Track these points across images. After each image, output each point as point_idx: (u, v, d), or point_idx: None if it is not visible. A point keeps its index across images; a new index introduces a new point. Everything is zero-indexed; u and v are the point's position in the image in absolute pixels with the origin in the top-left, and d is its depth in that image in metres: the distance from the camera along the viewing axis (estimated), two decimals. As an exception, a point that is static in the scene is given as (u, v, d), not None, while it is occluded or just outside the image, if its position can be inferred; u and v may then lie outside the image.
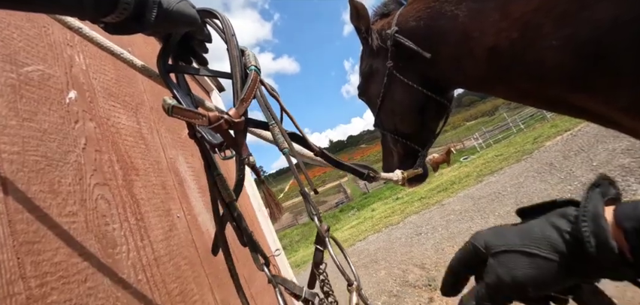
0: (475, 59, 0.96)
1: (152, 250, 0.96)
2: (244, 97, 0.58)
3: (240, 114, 0.56)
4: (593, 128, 9.35)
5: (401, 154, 1.46)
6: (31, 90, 0.78)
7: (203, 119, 0.52)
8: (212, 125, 0.53)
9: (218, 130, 0.54)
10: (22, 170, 0.68)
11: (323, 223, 0.62)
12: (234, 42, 0.65)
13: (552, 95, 0.86)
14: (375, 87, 1.40)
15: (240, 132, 0.58)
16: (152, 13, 0.53)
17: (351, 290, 0.53)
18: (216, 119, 0.52)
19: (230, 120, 0.54)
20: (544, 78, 0.82)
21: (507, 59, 0.88)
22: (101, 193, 0.85)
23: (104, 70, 1.10)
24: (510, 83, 0.94)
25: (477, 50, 0.94)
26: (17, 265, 0.60)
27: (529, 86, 0.89)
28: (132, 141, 1.09)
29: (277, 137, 0.64)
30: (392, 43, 1.20)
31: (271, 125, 0.65)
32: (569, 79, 0.77)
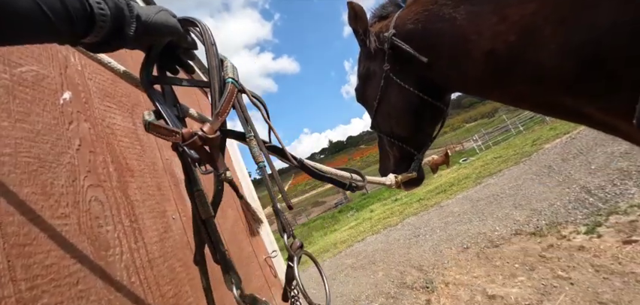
0: (473, 63, 0.96)
1: (146, 252, 0.95)
2: (219, 111, 0.58)
3: (214, 129, 0.55)
4: (591, 132, 9.37)
5: (397, 157, 1.46)
6: (25, 91, 0.77)
7: (177, 136, 0.52)
8: (186, 142, 0.52)
9: (193, 147, 0.53)
10: (14, 171, 0.67)
11: (296, 240, 0.63)
12: (213, 51, 0.65)
13: (550, 99, 0.85)
14: (372, 90, 1.40)
15: (215, 147, 0.57)
16: (131, 27, 0.53)
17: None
18: (189, 135, 0.52)
19: (204, 136, 0.53)
20: (541, 82, 0.82)
21: (505, 63, 0.87)
22: (94, 195, 0.85)
23: (100, 71, 1.09)
24: (507, 87, 0.94)
25: (475, 53, 0.94)
26: (7, 268, 0.60)
27: (527, 90, 0.89)
28: (128, 142, 1.09)
29: (254, 150, 0.64)
30: (389, 46, 1.19)
31: (249, 137, 0.65)
32: (567, 83, 0.77)
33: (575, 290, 3.32)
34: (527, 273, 3.96)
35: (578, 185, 5.88)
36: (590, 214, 4.66)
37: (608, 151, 6.84)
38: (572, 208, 5.08)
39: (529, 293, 3.58)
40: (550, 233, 4.65)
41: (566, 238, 4.34)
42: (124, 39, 0.54)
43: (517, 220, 5.56)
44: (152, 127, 0.54)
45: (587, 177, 6.04)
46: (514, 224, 5.46)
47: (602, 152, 6.96)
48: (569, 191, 5.78)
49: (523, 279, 3.89)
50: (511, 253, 4.57)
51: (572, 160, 7.54)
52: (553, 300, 3.31)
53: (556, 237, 4.47)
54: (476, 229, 6.04)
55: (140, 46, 0.63)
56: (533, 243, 4.58)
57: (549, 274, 3.76)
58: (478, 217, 6.67)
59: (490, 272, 4.32)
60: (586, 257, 3.77)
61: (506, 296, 3.66)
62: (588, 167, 6.50)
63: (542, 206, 5.67)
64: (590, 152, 7.38)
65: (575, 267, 3.69)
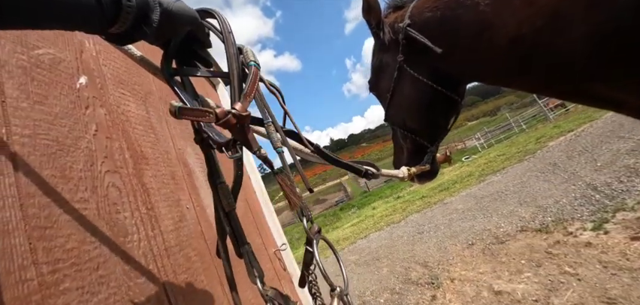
0: (495, 50, 0.94)
1: (162, 240, 0.94)
2: (247, 92, 0.57)
3: (245, 108, 0.55)
4: (596, 129, 9.32)
5: (410, 150, 1.44)
6: (42, 73, 0.76)
7: (211, 116, 0.52)
8: (220, 121, 0.52)
9: (227, 125, 0.53)
10: (34, 153, 0.66)
11: (314, 224, 0.62)
12: (231, 39, 0.64)
13: (578, 85, 0.83)
14: (385, 81, 1.38)
15: (247, 126, 0.57)
16: (156, 12, 0.52)
17: (333, 296, 0.53)
18: (224, 114, 0.52)
19: (238, 114, 0.53)
20: (570, 68, 0.80)
21: (530, 49, 0.85)
22: (111, 180, 0.84)
23: (113, 58, 1.08)
24: (531, 74, 0.92)
25: (498, 40, 0.92)
26: (29, 250, 0.59)
27: (553, 77, 0.87)
28: (142, 130, 1.07)
29: (272, 135, 0.64)
30: (404, 37, 1.17)
31: (267, 122, 0.65)
32: (598, 68, 0.74)
33: (582, 286, 3.30)
34: (534, 269, 3.94)
35: (583, 182, 5.85)
36: (596, 211, 4.63)
37: (614, 148, 6.79)
38: (578, 205, 5.05)
39: (535, 289, 3.56)
40: (556, 229, 4.62)
41: (572, 235, 4.31)
42: (149, 25, 0.53)
43: (522, 217, 5.53)
44: (183, 111, 0.53)
45: (592, 174, 6.00)
46: (520, 220, 5.43)
47: (608, 150, 6.91)
48: (575, 188, 5.75)
49: (529, 275, 3.87)
50: (517, 249, 4.55)
51: (577, 157, 7.50)
52: (561, 296, 3.29)
53: (563, 233, 4.45)
54: (481, 226, 6.02)
55: (161, 37, 0.62)
56: (539, 240, 4.56)
57: (556, 270, 3.74)
58: (483, 214, 6.65)
59: (495, 268, 4.30)
60: (593, 253, 3.75)
61: (513, 292, 3.65)
62: (594, 164, 6.46)
63: (548, 203, 5.64)
64: (596, 150, 7.33)
65: (582, 263, 3.67)
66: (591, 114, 12.41)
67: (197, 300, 0.99)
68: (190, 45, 0.69)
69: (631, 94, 0.74)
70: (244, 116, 0.54)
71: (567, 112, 18.69)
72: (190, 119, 0.55)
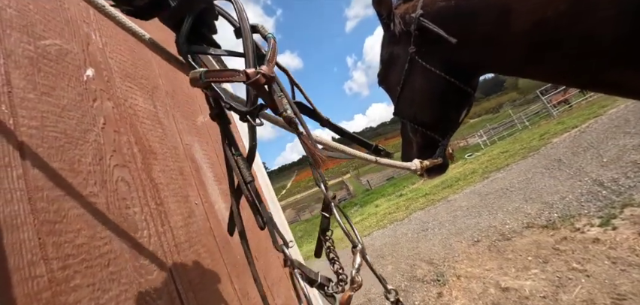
0: (514, 37, 0.91)
1: (172, 236, 0.91)
2: (269, 58, 0.58)
3: (272, 71, 0.56)
4: (601, 125, 9.23)
5: (420, 144, 1.41)
6: (49, 64, 0.74)
7: (241, 75, 0.53)
8: (251, 80, 0.53)
9: (257, 85, 0.54)
10: (42, 145, 0.64)
11: (329, 191, 0.63)
12: (245, 16, 0.64)
13: (603, 72, 0.80)
14: (395, 74, 1.35)
15: (272, 88, 0.58)
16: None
17: (356, 252, 0.53)
18: (254, 74, 0.53)
19: (267, 74, 0.54)
20: (595, 54, 0.76)
21: (551, 34, 0.82)
22: (121, 175, 0.81)
23: (120, 51, 1.06)
24: (553, 62, 0.88)
25: (517, 26, 0.88)
26: (38, 246, 0.56)
27: (577, 65, 0.83)
28: (149, 125, 1.05)
29: (286, 107, 0.64)
30: (416, 28, 1.14)
31: (280, 95, 0.64)
32: (627, 53, 0.71)
33: (591, 282, 3.26)
34: (541, 265, 3.90)
35: (590, 178, 5.79)
36: (603, 207, 4.58)
37: (620, 144, 6.73)
38: (585, 201, 5.00)
39: (543, 285, 3.53)
40: (563, 226, 4.58)
41: (579, 231, 4.27)
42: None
43: (528, 213, 5.49)
44: (209, 74, 0.53)
45: (599, 170, 5.94)
46: (526, 217, 5.39)
47: (614, 145, 6.85)
48: (581, 184, 5.70)
49: (536, 271, 3.83)
50: (524, 246, 4.51)
51: (582, 153, 7.43)
52: (569, 292, 3.26)
53: (570, 229, 4.41)
54: (486, 223, 5.98)
55: (176, 14, 0.61)
56: (546, 236, 4.52)
57: (564, 267, 3.70)
58: (488, 211, 6.60)
59: (502, 265, 4.26)
60: (601, 249, 3.70)
61: (520, 288, 3.61)
62: (600, 160, 6.39)
63: (554, 199, 5.59)
64: (601, 146, 7.26)
65: (590, 259, 3.63)
66: (595, 110, 12.31)
67: (208, 298, 0.97)
68: (199, 28, 0.69)
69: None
70: (272, 77, 0.55)
71: (570, 108, 18.57)
72: (217, 81, 0.55)
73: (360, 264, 0.53)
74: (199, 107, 1.57)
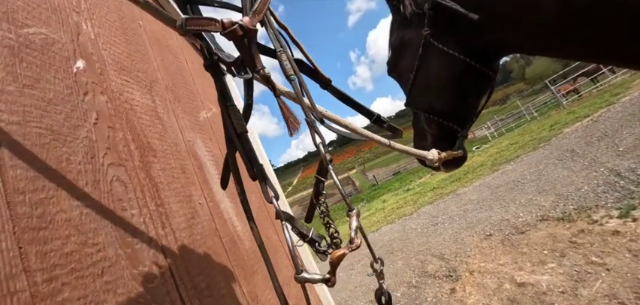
0: (545, 14, 0.81)
1: (174, 239, 0.85)
2: (256, 9, 0.56)
3: (253, 23, 0.54)
4: (614, 113, 8.96)
5: (436, 135, 1.31)
6: (33, 54, 0.67)
7: (217, 24, 0.52)
8: (226, 30, 0.51)
9: (232, 36, 0.52)
10: (24, 143, 0.57)
11: (328, 154, 0.61)
12: None
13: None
14: (407, 60, 1.25)
15: (253, 43, 0.56)
16: None
17: (351, 215, 0.52)
18: (230, 24, 0.51)
19: (245, 26, 0.52)
20: (634, 24, 0.67)
21: (591, 7, 0.73)
22: (116, 174, 0.74)
23: (114, 42, 0.99)
24: (590, 38, 0.79)
25: (548, 2, 0.79)
26: (19, 255, 0.49)
27: (615, 40, 0.74)
28: (148, 120, 0.98)
29: (284, 64, 0.63)
30: (430, 7, 1.05)
31: (279, 51, 0.64)
32: None
33: (612, 276, 3.13)
34: (558, 259, 3.78)
35: (605, 168, 5.60)
36: (622, 197, 4.42)
37: (636, 132, 6.50)
38: (602, 192, 4.83)
39: (561, 280, 3.41)
40: (579, 218, 4.43)
41: (597, 223, 4.12)
42: None
43: (542, 206, 5.33)
44: (189, 22, 0.52)
45: (615, 160, 5.74)
46: (540, 210, 5.24)
47: (630, 134, 6.62)
48: (597, 174, 5.51)
49: (553, 265, 3.71)
50: (539, 239, 4.38)
51: (596, 143, 7.21)
52: (589, 286, 3.13)
53: (587, 221, 4.26)
54: (498, 216, 5.84)
55: None
56: (562, 229, 4.38)
57: (582, 260, 3.57)
58: (500, 204, 6.45)
59: (517, 259, 4.14)
60: (621, 242, 3.56)
61: (537, 283, 3.50)
62: (616, 150, 6.18)
63: (569, 190, 5.42)
64: (616, 135, 7.03)
65: (610, 252, 3.49)
66: (607, 98, 11.98)
67: (215, 304, 0.90)
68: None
69: None
70: (250, 29, 0.53)
71: (580, 97, 18.15)
72: (196, 29, 0.54)
73: (358, 226, 0.51)
74: (201, 102, 1.50)
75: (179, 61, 1.46)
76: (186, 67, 1.50)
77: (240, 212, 1.39)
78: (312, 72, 0.80)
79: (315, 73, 0.80)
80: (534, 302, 3.31)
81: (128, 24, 1.13)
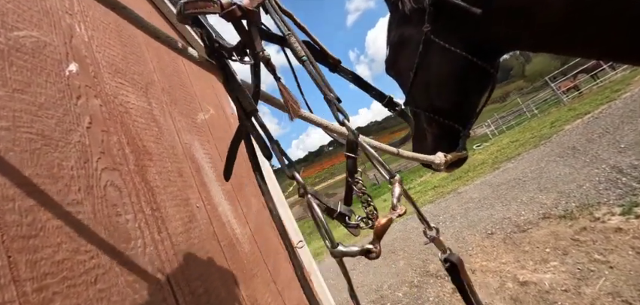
0: (550, 11, 0.80)
1: (171, 244, 0.83)
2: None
3: (253, 5, 0.54)
4: (615, 110, 8.93)
5: (436, 135, 1.29)
6: (23, 58, 0.65)
7: (215, 5, 0.50)
8: (224, 10, 0.51)
9: (231, 17, 0.51)
10: (13, 149, 0.55)
11: (353, 130, 0.60)
12: None
13: None
14: (407, 58, 1.23)
15: (253, 25, 0.55)
16: None
17: (394, 181, 0.51)
18: (228, 5, 0.50)
19: (243, 7, 0.52)
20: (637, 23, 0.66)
21: (596, 5, 0.71)
22: (110, 179, 0.73)
23: (109, 45, 0.97)
24: (594, 36, 0.78)
25: None
26: (8, 265, 0.48)
27: (619, 37, 0.72)
28: (143, 123, 0.97)
29: (294, 45, 0.62)
30: (431, 3, 1.03)
31: (287, 35, 0.63)
32: None
33: (615, 273, 3.11)
34: (560, 257, 3.76)
35: (607, 164, 5.57)
36: (624, 194, 4.39)
37: (638, 128, 6.48)
38: (604, 189, 4.80)
39: (564, 278, 3.38)
40: (581, 215, 4.40)
41: (599, 220, 4.09)
42: None
43: (543, 203, 5.31)
44: (187, 5, 0.51)
45: (616, 156, 5.71)
46: (541, 207, 5.21)
47: (631, 130, 6.59)
48: (598, 171, 5.48)
49: (556, 264, 3.68)
50: (541, 238, 4.36)
51: (597, 140, 7.18)
52: (593, 284, 3.11)
53: (589, 219, 4.23)
54: (500, 214, 5.81)
55: None
56: (564, 227, 4.35)
57: (584, 258, 3.55)
58: (501, 202, 6.43)
59: (519, 258, 4.12)
60: (624, 239, 3.53)
61: (539, 282, 3.48)
62: (617, 146, 6.16)
63: (570, 188, 5.40)
64: (618, 131, 7.00)
65: (612, 249, 3.46)
66: (608, 95, 11.94)
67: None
68: None
69: None
70: (250, 11, 0.53)
71: (581, 94, 18.10)
72: (195, 12, 0.53)
73: (400, 193, 0.50)
74: (199, 104, 1.49)
75: (176, 63, 1.44)
76: (183, 69, 1.49)
77: (239, 215, 1.38)
78: (320, 54, 0.79)
79: (323, 56, 0.79)
80: (537, 301, 3.29)
81: (124, 26, 1.12)
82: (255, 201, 1.62)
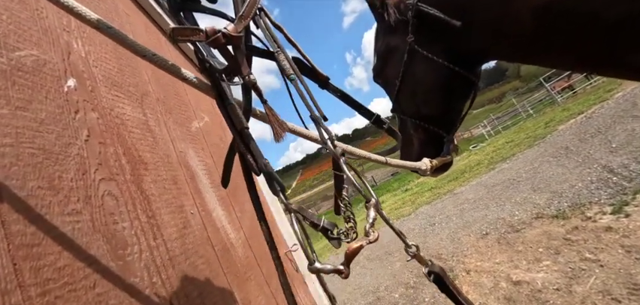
0: (521, 22, 0.85)
1: (166, 249, 0.87)
2: (243, 14, 0.56)
3: (238, 30, 0.55)
4: (608, 110, 9.06)
5: (422, 140, 1.34)
6: (25, 76, 0.69)
7: (201, 34, 0.52)
8: (210, 38, 0.52)
9: (216, 45, 0.53)
10: (17, 164, 0.60)
11: (338, 148, 0.61)
12: None
13: (610, 54, 0.74)
14: (393, 67, 1.28)
15: (238, 50, 0.56)
16: None
17: (369, 206, 0.51)
18: (213, 32, 0.52)
19: (227, 34, 0.53)
20: (602, 35, 0.71)
21: (562, 17, 0.76)
22: (107, 189, 0.77)
23: (105, 59, 1.01)
24: (565, 47, 0.83)
25: (521, 12, 0.83)
26: (14, 272, 0.52)
27: (588, 49, 0.77)
28: (139, 134, 1.01)
29: (283, 64, 0.62)
30: (414, 14, 1.08)
31: (276, 52, 0.64)
32: (631, 34, 0.65)
33: (605, 272, 3.17)
34: (552, 257, 3.81)
35: (599, 164, 5.66)
36: (615, 193, 4.46)
37: (629, 128, 6.57)
38: (595, 188, 4.88)
39: (556, 277, 3.44)
40: (573, 215, 4.47)
41: (591, 219, 4.16)
42: None
43: (537, 204, 5.38)
44: (176, 31, 0.53)
45: (608, 156, 5.80)
46: (535, 207, 5.28)
47: (622, 130, 6.69)
48: (590, 171, 5.57)
49: (548, 263, 3.74)
50: (534, 237, 4.42)
51: (590, 140, 7.28)
52: (583, 283, 3.17)
53: (581, 218, 4.30)
54: (494, 215, 5.88)
55: None
56: (556, 226, 4.42)
57: (576, 257, 3.61)
58: (495, 202, 6.50)
59: (512, 257, 4.18)
60: (614, 238, 3.60)
61: (532, 281, 3.53)
62: (609, 146, 6.25)
63: (563, 188, 5.47)
64: (609, 131, 7.11)
65: (603, 248, 3.53)
66: (601, 94, 12.09)
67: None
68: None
69: None
70: (234, 37, 0.53)
71: (575, 94, 18.29)
72: (183, 40, 0.54)
73: (375, 217, 0.50)
74: (193, 112, 1.53)
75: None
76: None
77: (233, 220, 1.42)
78: (310, 71, 0.80)
79: (313, 73, 0.80)
80: (530, 300, 3.34)
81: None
82: (249, 207, 1.66)
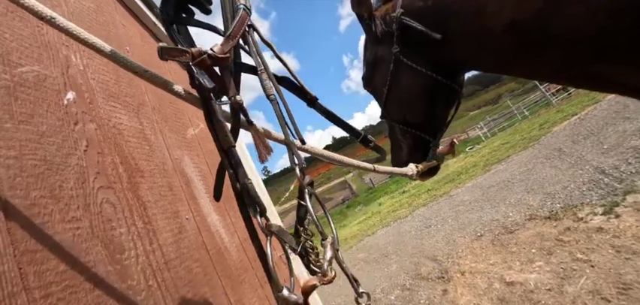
0: (494, 37, 0.90)
1: (162, 254, 0.91)
2: (230, 34, 0.57)
3: (224, 51, 0.55)
4: (600, 111, 9.19)
5: (411, 145, 1.39)
6: (27, 91, 0.73)
7: (187, 55, 0.53)
8: (195, 60, 0.53)
9: (202, 66, 0.54)
10: (20, 175, 0.64)
11: (307, 176, 0.58)
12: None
13: (586, 68, 0.79)
14: (380, 76, 1.34)
15: (225, 70, 0.57)
16: None
17: (325, 244, 0.50)
18: (199, 54, 0.52)
19: (213, 55, 0.53)
20: (575, 50, 0.76)
21: (531, 33, 0.81)
22: (105, 196, 0.81)
23: (102, 70, 1.06)
24: (535, 60, 0.88)
25: (496, 27, 0.88)
26: (19, 275, 0.56)
27: (559, 62, 0.82)
28: (135, 142, 1.05)
29: (265, 82, 0.63)
30: (398, 27, 1.13)
31: (260, 70, 0.65)
32: (605, 48, 0.70)
33: (596, 272, 3.24)
34: (545, 257, 3.88)
35: (591, 166, 5.75)
36: (606, 195, 4.55)
37: (620, 129, 6.68)
38: (587, 190, 4.96)
39: (548, 278, 3.50)
40: (565, 216, 4.55)
41: (582, 220, 4.24)
42: None
43: (530, 205, 5.46)
44: (164, 51, 0.54)
45: (600, 158, 5.90)
46: (528, 209, 5.36)
47: (614, 131, 6.80)
48: (583, 172, 5.66)
49: (541, 264, 3.81)
50: (527, 238, 4.49)
51: (582, 141, 7.39)
52: (574, 283, 3.23)
53: (573, 219, 4.38)
54: (489, 216, 5.95)
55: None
56: (549, 227, 4.49)
57: (568, 258, 3.67)
58: (490, 204, 6.58)
59: (506, 258, 4.24)
60: (605, 238, 3.67)
61: (525, 282, 3.59)
62: (600, 148, 6.35)
63: (556, 189, 5.56)
64: (601, 132, 7.22)
65: (594, 249, 3.60)
66: (594, 96, 12.24)
67: (201, 314, 0.97)
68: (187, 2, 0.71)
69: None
70: (220, 58, 0.54)
71: (569, 96, 18.49)
72: (171, 59, 0.55)
73: (331, 257, 0.48)
74: (189, 119, 1.57)
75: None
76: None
77: (227, 225, 1.46)
78: (299, 89, 0.79)
79: (301, 91, 0.79)
80: (522, 300, 3.40)
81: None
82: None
